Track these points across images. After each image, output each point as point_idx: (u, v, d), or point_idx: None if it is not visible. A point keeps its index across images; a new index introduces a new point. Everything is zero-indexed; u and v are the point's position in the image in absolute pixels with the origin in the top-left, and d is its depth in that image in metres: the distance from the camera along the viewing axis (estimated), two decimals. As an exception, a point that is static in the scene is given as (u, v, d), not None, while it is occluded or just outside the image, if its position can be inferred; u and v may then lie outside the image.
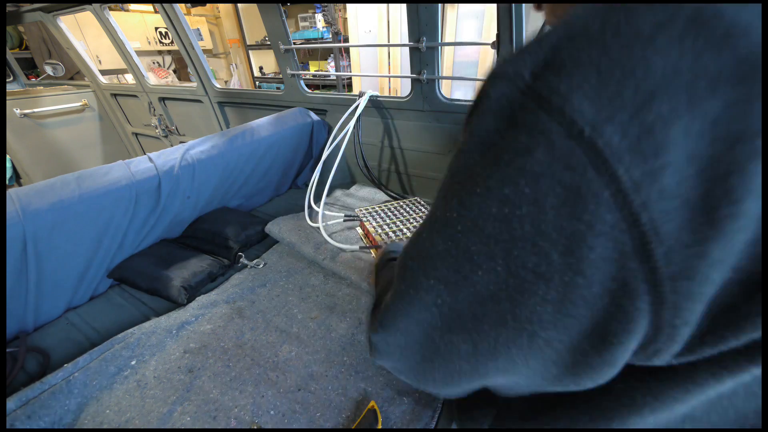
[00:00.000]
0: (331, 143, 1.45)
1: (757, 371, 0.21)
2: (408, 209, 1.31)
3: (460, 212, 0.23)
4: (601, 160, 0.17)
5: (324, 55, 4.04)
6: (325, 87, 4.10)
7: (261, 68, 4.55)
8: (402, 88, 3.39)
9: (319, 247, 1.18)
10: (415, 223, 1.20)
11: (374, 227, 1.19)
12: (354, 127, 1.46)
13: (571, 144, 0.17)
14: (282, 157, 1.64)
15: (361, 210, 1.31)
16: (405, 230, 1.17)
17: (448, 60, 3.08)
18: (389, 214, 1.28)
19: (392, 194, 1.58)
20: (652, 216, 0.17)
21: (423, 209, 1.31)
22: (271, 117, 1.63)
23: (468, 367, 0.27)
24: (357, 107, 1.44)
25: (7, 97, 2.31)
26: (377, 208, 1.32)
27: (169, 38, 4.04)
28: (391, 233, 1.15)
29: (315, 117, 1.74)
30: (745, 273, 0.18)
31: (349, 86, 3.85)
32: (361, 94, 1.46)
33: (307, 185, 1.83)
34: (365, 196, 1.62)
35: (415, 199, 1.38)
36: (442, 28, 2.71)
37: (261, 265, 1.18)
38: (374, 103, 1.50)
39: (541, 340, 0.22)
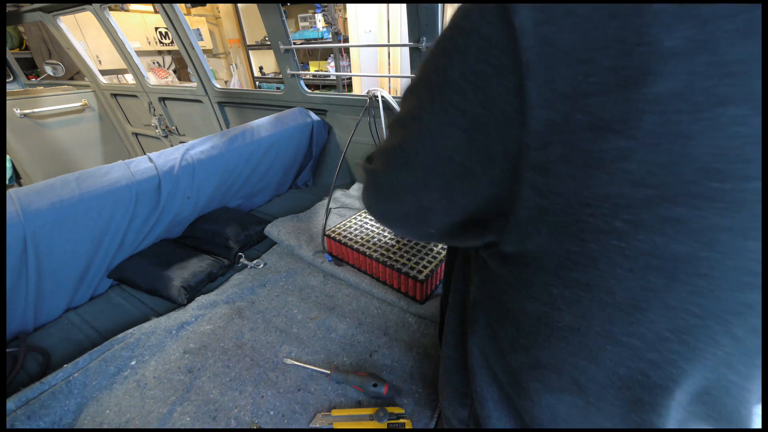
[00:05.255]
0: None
1: None
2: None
3: (422, 71, 0.32)
4: (507, 14, 0.23)
5: (324, 55, 4.04)
6: (325, 87, 4.10)
7: (261, 68, 4.55)
8: (402, 88, 3.38)
9: (318, 251, 1.18)
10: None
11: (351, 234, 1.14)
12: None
13: (494, 7, 0.24)
14: (282, 157, 1.64)
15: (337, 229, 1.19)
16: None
17: (448, 60, 3.07)
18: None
19: None
20: (528, 59, 0.23)
21: None
22: (271, 117, 1.63)
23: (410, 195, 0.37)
24: (377, 107, 1.44)
25: (7, 97, 2.31)
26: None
27: (169, 38, 4.04)
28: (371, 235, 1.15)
29: (315, 117, 1.74)
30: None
31: (349, 86, 3.85)
32: (371, 95, 1.46)
33: (307, 185, 1.84)
34: (365, 196, 1.62)
35: None
36: (442, 28, 2.70)
37: (261, 266, 1.18)
38: (374, 102, 1.50)
39: (453, 164, 0.30)
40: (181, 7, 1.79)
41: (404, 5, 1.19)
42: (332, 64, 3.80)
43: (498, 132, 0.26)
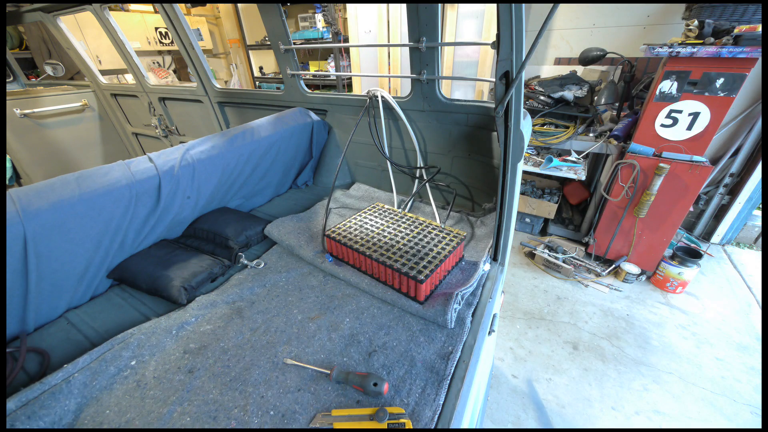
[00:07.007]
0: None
1: None
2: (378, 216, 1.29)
3: None
4: None
5: (324, 55, 4.04)
6: (325, 87, 4.10)
7: (261, 68, 4.55)
8: (402, 88, 3.38)
9: (318, 251, 1.18)
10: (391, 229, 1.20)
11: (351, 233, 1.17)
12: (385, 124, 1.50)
13: None
14: (282, 157, 1.64)
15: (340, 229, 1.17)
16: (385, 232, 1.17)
17: (448, 60, 3.08)
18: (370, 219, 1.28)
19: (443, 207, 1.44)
20: None
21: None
22: (271, 117, 1.63)
23: None
24: (377, 107, 1.45)
25: (7, 97, 2.31)
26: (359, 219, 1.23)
27: (169, 38, 4.04)
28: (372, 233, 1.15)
29: (315, 117, 1.74)
30: None
31: (349, 86, 3.85)
32: (371, 95, 1.46)
33: (307, 185, 1.84)
34: (364, 195, 1.62)
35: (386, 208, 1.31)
36: (442, 28, 2.71)
37: (261, 266, 1.18)
38: (374, 102, 1.50)
39: None
40: (181, 7, 1.79)
41: (404, 5, 1.19)
42: (332, 64, 3.80)
43: None
